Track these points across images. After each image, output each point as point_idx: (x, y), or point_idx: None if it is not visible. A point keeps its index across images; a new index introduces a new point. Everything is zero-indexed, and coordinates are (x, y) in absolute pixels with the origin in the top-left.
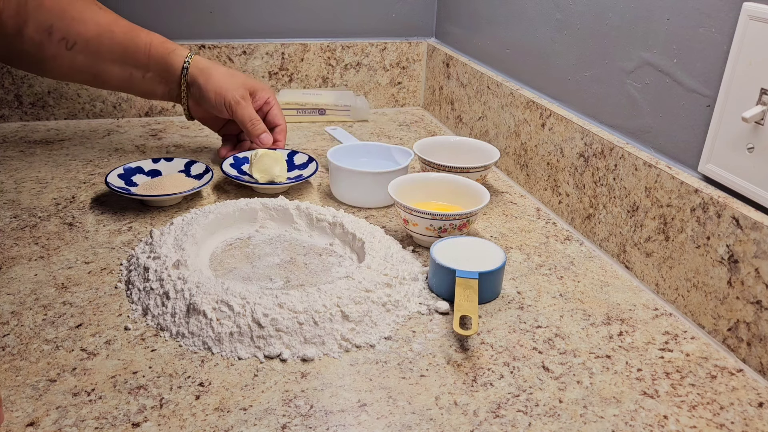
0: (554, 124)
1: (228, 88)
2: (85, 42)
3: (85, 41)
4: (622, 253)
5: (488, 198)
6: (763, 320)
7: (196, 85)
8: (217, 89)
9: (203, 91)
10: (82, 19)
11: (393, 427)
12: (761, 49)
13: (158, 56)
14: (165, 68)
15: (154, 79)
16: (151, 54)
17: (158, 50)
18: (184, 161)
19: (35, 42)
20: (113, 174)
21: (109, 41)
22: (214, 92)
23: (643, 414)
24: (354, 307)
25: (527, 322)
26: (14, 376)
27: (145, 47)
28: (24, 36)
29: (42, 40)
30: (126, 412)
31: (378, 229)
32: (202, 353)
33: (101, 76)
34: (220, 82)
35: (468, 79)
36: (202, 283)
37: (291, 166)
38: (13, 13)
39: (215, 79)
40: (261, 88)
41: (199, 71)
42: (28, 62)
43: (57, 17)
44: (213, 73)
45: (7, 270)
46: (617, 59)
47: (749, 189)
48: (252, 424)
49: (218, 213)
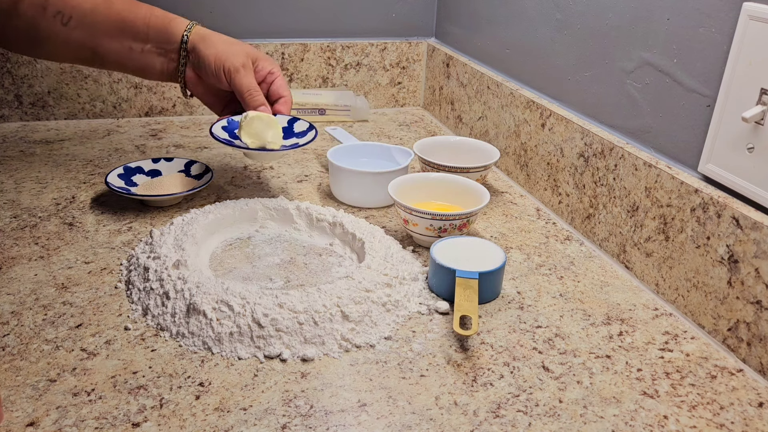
0: (554, 124)
1: (229, 54)
2: (81, 15)
3: (81, 15)
4: (622, 253)
5: (488, 198)
6: (763, 320)
7: (196, 52)
8: (218, 54)
9: (202, 58)
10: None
11: (393, 427)
12: (761, 49)
13: (158, 25)
14: (165, 37)
15: (153, 52)
16: (150, 23)
17: (159, 19)
18: (184, 161)
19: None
20: (113, 174)
21: (106, 12)
22: (214, 57)
23: (643, 414)
24: (354, 307)
25: (527, 322)
26: (14, 376)
27: (144, 17)
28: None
29: (36, 15)
30: (126, 412)
31: (378, 229)
32: (202, 353)
33: (98, 51)
34: (220, 48)
35: (468, 79)
36: (202, 283)
37: (289, 133)
38: None
39: (216, 46)
40: (264, 58)
41: (200, 38)
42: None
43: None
44: (214, 40)
45: (7, 270)
46: (617, 59)
47: (749, 189)
48: (252, 424)
49: (218, 213)
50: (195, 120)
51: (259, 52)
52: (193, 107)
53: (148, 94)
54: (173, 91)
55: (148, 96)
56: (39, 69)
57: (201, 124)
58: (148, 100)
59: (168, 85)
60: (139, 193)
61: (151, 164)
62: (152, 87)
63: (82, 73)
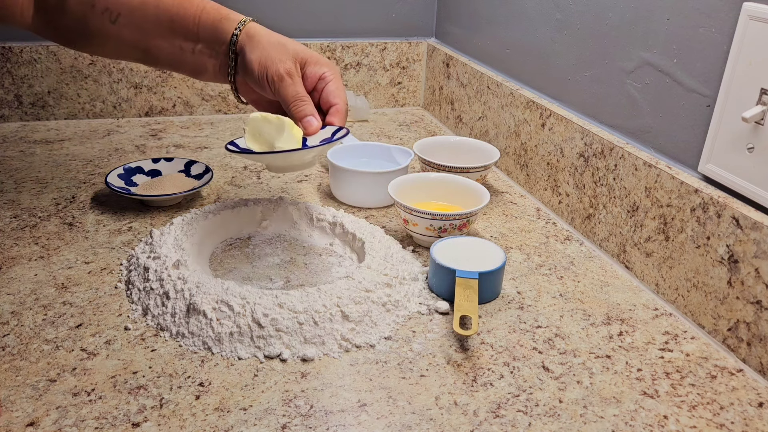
0: (554, 124)
1: (274, 59)
2: (130, 12)
3: (129, 11)
4: (622, 253)
5: (488, 198)
6: (763, 320)
7: (242, 55)
8: (262, 59)
9: (247, 62)
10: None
11: (393, 427)
12: (761, 49)
13: (209, 23)
14: (215, 37)
15: (204, 53)
16: (201, 21)
17: (210, 16)
18: (184, 161)
19: (78, 15)
20: (113, 174)
21: (155, 9)
22: (257, 63)
23: (643, 414)
24: (354, 307)
25: (527, 322)
26: (14, 376)
27: (194, 14)
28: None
29: (85, 12)
30: (126, 412)
31: (378, 229)
32: (202, 353)
33: (150, 51)
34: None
35: (468, 79)
36: (202, 283)
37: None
38: None
39: (261, 48)
40: (315, 61)
41: (248, 38)
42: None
43: None
44: (261, 41)
45: (7, 270)
46: (617, 59)
47: (749, 189)
48: (252, 424)
49: (218, 213)
50: (195, 120)
51: (310, 53)
52: (193, 107)
53: (148, 94)
54: (173, 91)
55: (148, 96)
56: (39, 69)
57: (201, 124)
58: (148, 100)
59: (168, 85)
60: (139, 193)
61: (151, 164)
62: (152, 87)
63: (82, 73)
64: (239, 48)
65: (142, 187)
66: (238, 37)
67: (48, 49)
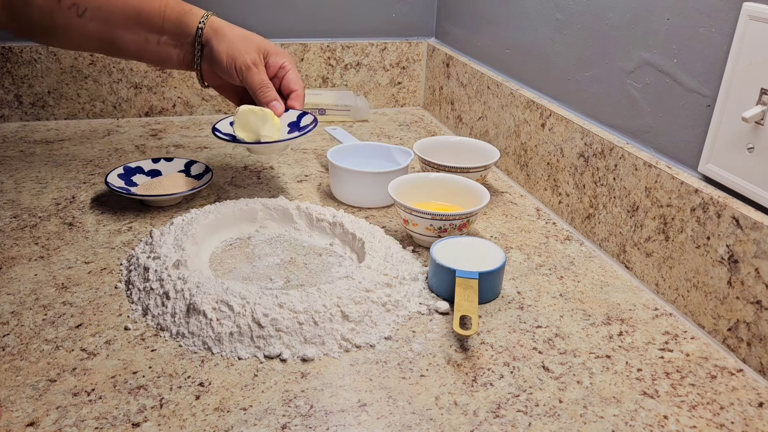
0: (554, 124)
1: (240, 51)
2: (96, 7)
3: (96, 6)
4: (622, 253)
5: (488, 198)
6: (763, 320)
7: (209, 47)
8: (230, 51)
9: (215, 53)
10: None
11: (393, 427)
12: (761, 49)
13: (173, 17)
14: (180, 29)
15: (169, 44)
16: (166, 15)
17: (174, 10)
18: (184, 161)
19: (44, 10)
20: (113, 174)
21: (121, 4)
22: (226, 54)
23: (643, 414)
24: (354, 307)
25: (527, 322)
26: (14, 376)
27: (159, 8)
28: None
29: (51, 7)
30: (126, 412)
31: (378, 229)
32: (202, 353)
33: (115, 43)
34: (233, 44)
35: (468, 79)
36: (202, 283)
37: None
38: None
39: (228, 41)
40: (275, 52)
41: (213, 32)
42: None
43: None
44: (227, 34)
45: (7, 270)
46: (617, 59)
47: (749, 189)
48: (252, 424)
49: (218, 213)
50: (195, 120)
51: (270, 45)
52: (193, 107)
53: (148, 94)
54: (173, 91)
55: (148, 96)
56: (39, 69)
57: (201, 124)
58: (148, 100)
59: (168, 85)
60: (138, 193)
61: (151, 164)
62: (152, 87)
63: (82, 73)
64: (205, 40)
65: (142, 187)
66: (203, 30)
67: (48, 50)
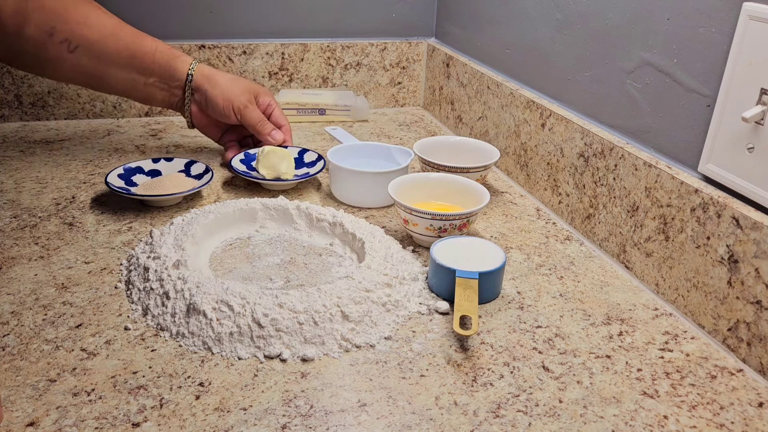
0: (554, 124)
1: (235, 94)
2: (89, 45)
3: (89, 44)
4: (622, 253)
5: (488, 198)
6: (763, 320)
7: (202, 92)
8: (225, 95)
9: (210, 98)
10: (86, 23)
11: (393, 427)
12: (761, 49)
13: (163, 61)
14: (169, 74)
15: (156, 85)
16: (156, 59)
17: (164, 55)
18: (184, 161)
19: (37, 42)
20: (113, 174)
21: (114, 45)
22: (222, 98)
23: (643, 414)
24: (354, 307)
25: (527, 322)
26: (14, 376)
27: (150, 52)
28: (24, 36)
29: (44, 40)
30: (126, 412)
31: (378, 229)
32: (202, 353)
33: (104, 79)
34: (226, 89)
35: (468, 79)
36: (202, 283)
37: (300, 163)
38: (12, 11)
39: (222, 86)
40: (263, 92)
41: (204, 78)
42: (29, 63)
43: (59, 20)
44: (219, 80)
45: (7, 270)
46: (617, 59)
47: (749, 189)
48: (252, 424)
49: (218, 213)
50: None
51: (258, 86)
52: None
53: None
54: None
55: None
56: None
57: None
58: None
59: None
60: (138, 193)
61: (151, 164)
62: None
63: None
64: (196, 86)
65: (142, 187)
66: (193, 77)
67: None
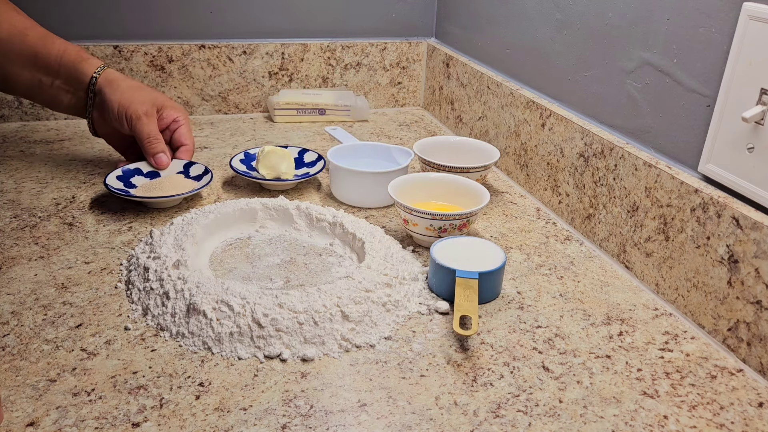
0: (554, 124)
1: (132, 101)
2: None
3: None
4: (622, 253)
5: (488, 198)
6: (763, 320)
7: (101, 95)
8: (121, 101)
9: (107, 102)
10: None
11: (393, 427)
12: (761, 49)
13: (69, 63)
14: (74, 76)
15: (62, 88)
16: (63, 60)
17: (71, 57)
18: (183, 162)
19: None
20: (112, 176)
21: (20, 43)
22: (117, 103)
23: (643, 414)
24: (354, 307)
25: (527, 322)
26: (14, 376)
27: (57, 53)
28: None
29: None
30: (126, 412)
31: (378, 229)
32: (202, 353)
33: (8, 79)
34: (125, 95)
35: (468, 79)
36: (202, 283)
37: (300, 163)
38: None
39: (121, 91)
40: (170, 106)
41: (107, 82)
42: None
43: None
44: (120, 85)
45: (7, 270)
46: (617, 59)
47: (749, 189)
48: (252, 424)
49: (218, 213)
50: (195, 120)
51: (166, 99)
52: (192, 107)
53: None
54: (173, 91)
55: None
56: None
57: (201, 124)
58: None
59: (167, 85)
60: (138, 195)
61: (150, 166)
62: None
63: None
64: (98, 89)
65: (141, 188)
66: (97, 80)
67: None
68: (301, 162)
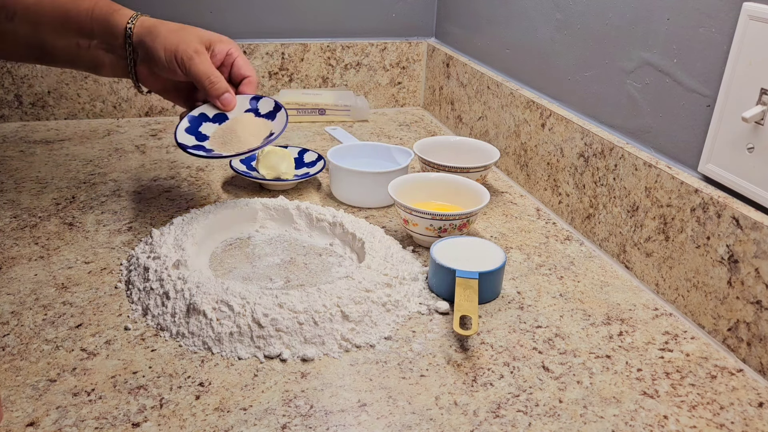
0: (554, 124)
1: (179, 43)
2: (25, 9)
3: (24, 9)
4: (622, 253)
5: (488, 198)
6: (763, 320)
7: (143, 47)
8: (167, 45)
9: (151, 52)
10: None
11: (393, 427)
12: (761, 49)
13: (101, 17)
14: (108, 30)
15: (100, 47)
16: (94, 15)
17: (102, 10)
18: (248, 97)
19: None
20: (181, 131)
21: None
22: (163, 49)
23: (643, 414)
24: (354, 307)
25: (527, 322)
26: (14, 376)
27: (88, 9)
28: None
29: None
30: (126, 412)
31: (378, 229)
32: (202, 353)
33: (46, 48)
34: (169, 38)
35: (468, 79)
36: (202, 283)
37: (300, 163)
38: None
39: (163, 36)
40: (219, 40)
41: (145, 30)
42: None
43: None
44: (161, 30)
45: (7, 270)
46: (617, 59)
47: (749, 189)
48: (252, 424)
49: (218, 213)
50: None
51: (213, 34)
52: None
53: (148, 94)
54: None
55: (148, 96)
56: (39, 69)
57: None
58: (148, 100)
59: None
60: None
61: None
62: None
63: (82, 73)
64: (137, 41)
65: (213, 139)
66: (133, 30)
67: None
68: (301, 162)
